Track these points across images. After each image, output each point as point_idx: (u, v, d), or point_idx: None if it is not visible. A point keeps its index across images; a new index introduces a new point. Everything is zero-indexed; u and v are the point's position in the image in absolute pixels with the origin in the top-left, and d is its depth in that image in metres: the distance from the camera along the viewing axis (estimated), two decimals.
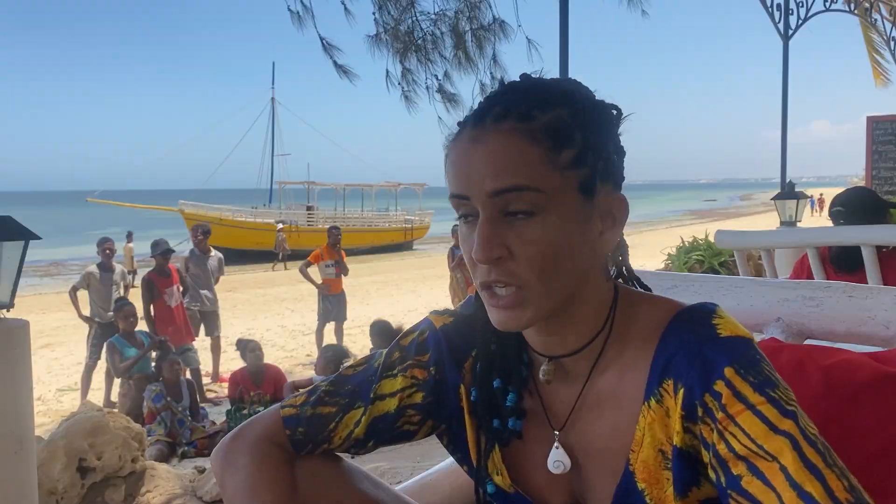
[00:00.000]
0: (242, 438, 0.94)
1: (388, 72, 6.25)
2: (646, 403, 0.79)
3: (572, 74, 4.52)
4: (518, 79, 0.82)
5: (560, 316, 0.81)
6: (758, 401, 0.72)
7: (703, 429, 0.74)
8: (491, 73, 6.26)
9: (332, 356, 6.64)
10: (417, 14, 6.14)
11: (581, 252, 0.78)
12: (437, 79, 6.28)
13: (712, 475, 0.74)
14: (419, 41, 6.15)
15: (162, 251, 7.56)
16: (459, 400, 0.93)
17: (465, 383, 0.93)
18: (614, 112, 0.83)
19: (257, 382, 6.66)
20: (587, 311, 0.82)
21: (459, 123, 0.81)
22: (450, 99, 6.31)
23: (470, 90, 6.35)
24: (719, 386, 0.73)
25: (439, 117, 6.34)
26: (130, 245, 18.95)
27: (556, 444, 0.86)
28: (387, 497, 0.99)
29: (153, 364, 6.75)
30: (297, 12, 5.75)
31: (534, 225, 0.75)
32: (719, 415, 0.72)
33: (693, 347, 0.76)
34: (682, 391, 0.75)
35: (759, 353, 0.76)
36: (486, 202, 0.75)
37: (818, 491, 0.66)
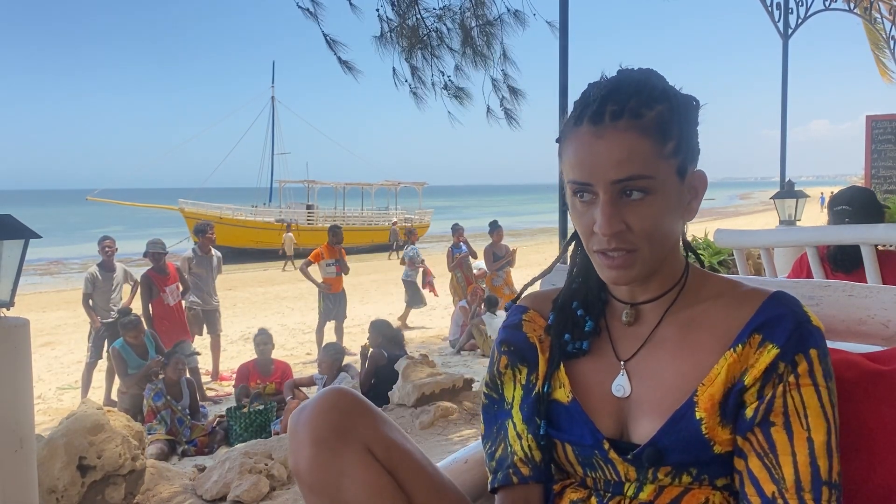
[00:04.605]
0: None
1: (394, 70, 6.19)
2: (732, 349, 0.95)
3: (572, 71, 4.52)
4: (616, 74, 0.96)
5: (654, 271, 0.98)
6: (821, 383, 0.92)
7: (774, 379, 0.91)
8: (503, 70, 6.19)
9: (334, 354, 6.64)
10: (422, 10, 6.07)
11: (676, 221, 0.97)
12: (443, 75, 6.19)
13: (748, 412, 0.91)
14: (424, 38, 6.08)
15: (155, 251, 7.56)
16: (533, 343, 1.09)
17: (531, 332, 1.09)
18: (695, 103, 0.98)
19: (265, 373, 6.72)
20: (669, 267, 1.01)
21: (574, 115, 0.95)
22: (458, 94, 6.25)
23: (480, 85, 6.23)
24: (801, 359, 0.91)
25: (449, 112, 6.30)
26: (290, 234, 20.68)
27: (621, 371, 1.01)
28: (418, 454, 1.07)
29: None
30: (308, 9, 5.67)
31: (646, 204, 0.92)
32: (790, 377, 0.91)
33: (794, 323, 0.93)
34: (774, 350, 0.92)
35: (827, 347, 0.95)
36: (608, 188, 0.92)
37: (825, 467, 0.88)
